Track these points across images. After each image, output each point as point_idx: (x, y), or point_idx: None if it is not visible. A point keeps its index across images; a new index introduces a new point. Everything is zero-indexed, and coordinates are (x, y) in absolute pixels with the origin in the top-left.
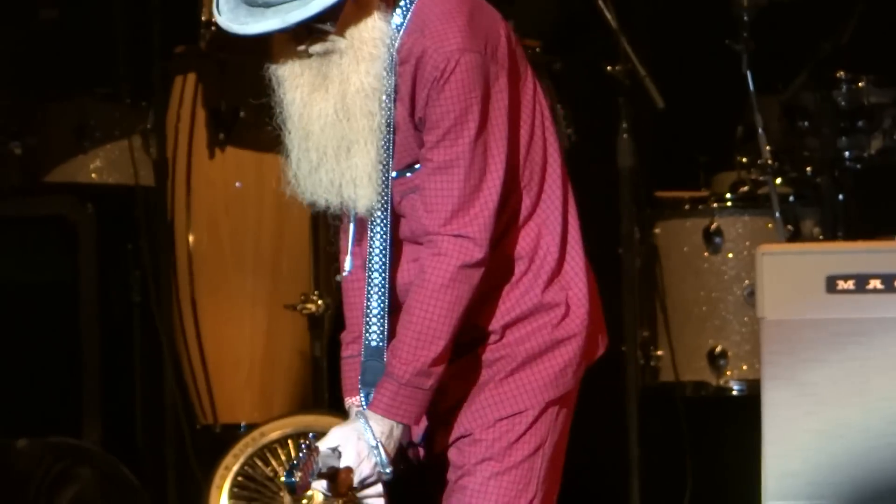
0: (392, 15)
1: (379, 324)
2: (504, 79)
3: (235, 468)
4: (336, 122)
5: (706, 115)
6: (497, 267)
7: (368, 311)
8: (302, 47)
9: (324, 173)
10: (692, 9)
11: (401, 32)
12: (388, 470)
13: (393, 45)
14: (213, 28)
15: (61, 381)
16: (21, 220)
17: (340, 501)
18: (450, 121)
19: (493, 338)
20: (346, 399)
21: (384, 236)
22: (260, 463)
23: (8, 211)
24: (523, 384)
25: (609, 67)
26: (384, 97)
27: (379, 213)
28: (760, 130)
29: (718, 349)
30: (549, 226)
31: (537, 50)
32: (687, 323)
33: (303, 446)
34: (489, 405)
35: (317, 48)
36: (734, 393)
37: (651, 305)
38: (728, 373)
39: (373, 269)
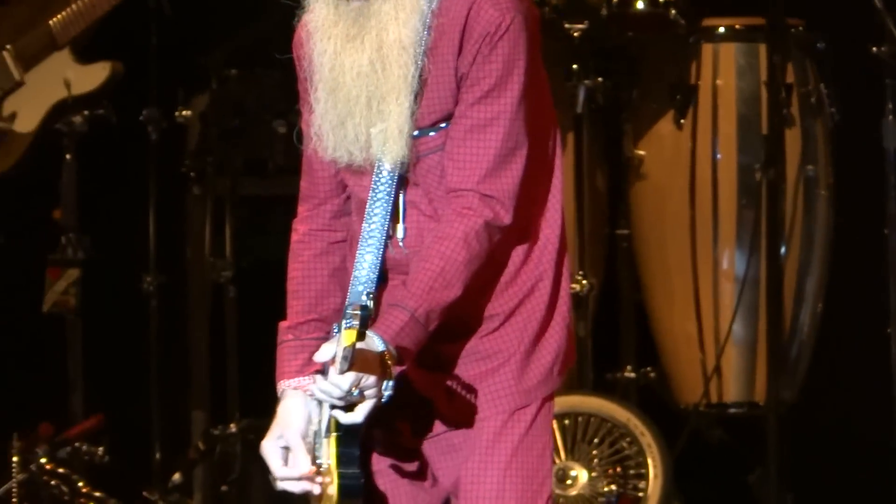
0: None
1: (370, 271)
2: (536, 57)
3: None
4: (370, 73)
5: None
6: (505, 247)
7: (360, 258)
8: None
9: (351, 127)
10: None
11: None
12: (389, 392)
13: (432, 1)
14: None
15: None
16: (285, 198)
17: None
18: (495, 78)
19: (492, 323)
20: (279, 382)
21: (390, 186)
22: None
23: (272, 190)
24: (517, 380)
25: (874, 48)
26: (418, 51)
27: (388, 168)
28: None
29: None
30: (550, 219)
31: (800, 28)
32: None
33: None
34: (487, 401)
35: None
36: None
37: None
38: None
39: (373, 217)
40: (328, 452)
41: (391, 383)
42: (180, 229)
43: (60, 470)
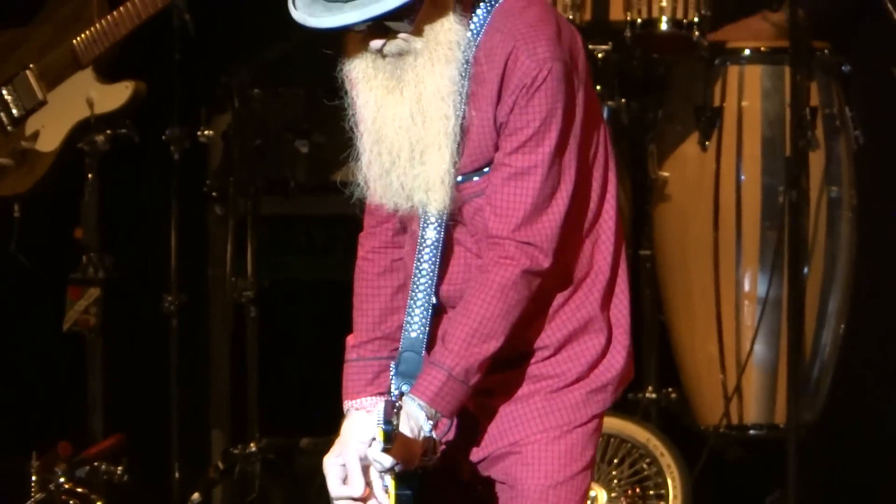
0: (470, 17)
1: (422, 315)
2: (582, 92)
3: None
4: (411, 126)
5: None
6: (550, 280)
7: (413, 301)
8: (377, 45)
9: (395, 177)
10: None
11: (479, 35)
12: (433, 457)
13: (470, 49)
14: None
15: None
16: (307, 218)
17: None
18: (533, 128)
19: (544, 353)
20: (345, 401)
21: (438, 229)
22: None
23: (294, 209)
24: (570, 398)
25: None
26: (458, 100)
27: (435, 216)
28: None
29: None
30: (602, 245)
31: (826, 52)
32: None
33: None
34: (536, 417)
35: (391, 48)
36: None
37: None
38: None
39: (422, 259)
40: (391, 488)
41: (433, 447)
42: (202, 249)
43: (79, 489)
